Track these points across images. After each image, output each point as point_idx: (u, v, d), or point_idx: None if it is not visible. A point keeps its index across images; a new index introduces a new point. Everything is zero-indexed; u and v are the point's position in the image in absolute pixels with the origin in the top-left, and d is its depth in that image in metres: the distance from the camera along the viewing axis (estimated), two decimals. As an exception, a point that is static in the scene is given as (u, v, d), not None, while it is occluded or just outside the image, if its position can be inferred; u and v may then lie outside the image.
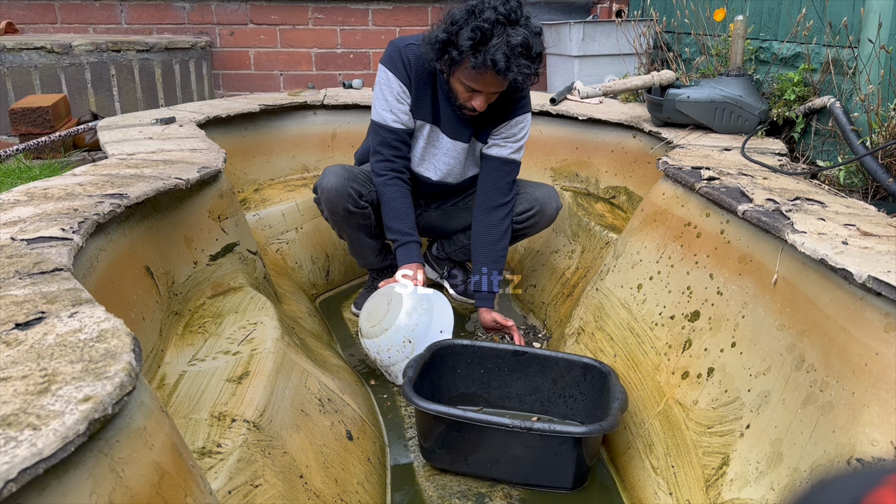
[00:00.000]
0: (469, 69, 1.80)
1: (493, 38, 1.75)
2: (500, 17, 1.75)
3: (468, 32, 1.75)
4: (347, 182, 2.02)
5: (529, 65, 1.78)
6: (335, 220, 2.11)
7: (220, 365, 1.41)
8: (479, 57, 1.76)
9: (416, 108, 2.02)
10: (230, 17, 4.17)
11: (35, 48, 3.38)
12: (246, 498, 1.10)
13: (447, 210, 2.28)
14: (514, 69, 1.75)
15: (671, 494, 1.37)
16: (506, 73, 1.75)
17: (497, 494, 1.51)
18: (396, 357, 1.88)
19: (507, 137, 2.07)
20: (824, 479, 0.37)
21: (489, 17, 1.75)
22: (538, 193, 2.17)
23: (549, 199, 2.17)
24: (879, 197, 1.93)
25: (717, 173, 1.74)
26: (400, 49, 1.97)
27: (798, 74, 2.38)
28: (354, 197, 2.03)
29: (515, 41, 1.74)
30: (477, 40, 1.75)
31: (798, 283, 1.28)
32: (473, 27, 1.75)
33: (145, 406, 0.77)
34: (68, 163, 2.72)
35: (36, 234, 1.16)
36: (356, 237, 2.17)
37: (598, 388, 1.65)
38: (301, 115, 2.96)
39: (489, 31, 1.74)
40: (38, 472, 0.59)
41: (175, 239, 1.66)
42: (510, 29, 1.76)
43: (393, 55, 1.98)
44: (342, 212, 2.05)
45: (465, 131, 2.07)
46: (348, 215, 2.06)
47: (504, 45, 1.74)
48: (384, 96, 1.99)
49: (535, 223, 2.18)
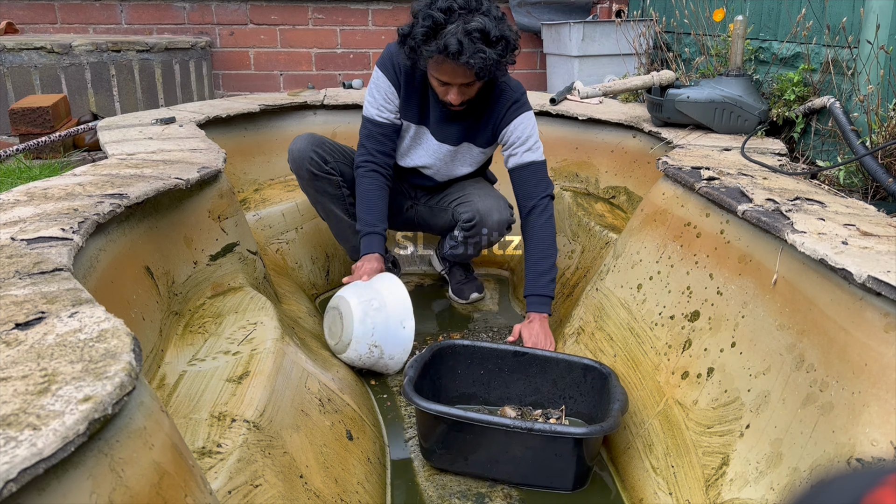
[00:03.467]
0: (432, 61, 1.82)
1: (448, 25, 1.76)
2: (455, 4, 1.77)
3: (421, 21, 1.78)
4: (311, 146, 2.11)
5: (486, 49, 1.75)
6: (302, 184, 2.19)
7: (220, 365, 1.41)
8: (431, 44, 1.77)
9: (405, 110, 2.06)
10: (230, 17, 4.17)
11: (35, 48, 3.38)
12: (246, 498, 1.10)
13: (433, 207, 2.29)
14: (467, 53, 1.73)
15: (671, 494, 1.37)
16: (457, 56, 1.74)
17: (497, 495, 1.51)
18: (372, 361, 1.89)
19: (514, 144, 2.04)
20: (824, 479, 0.37)
21: (442, 6, 1.77)
22: (481, 204, 2.13)
23: (490, 210, 2.12)
24: (879, 197, 1.93)
25: (716, 173, 1.74)
26: (392, 53, 2.01)
27: (798, 74, 2.38)
28: (317, 161, 2.10)
29: (471, 27, 1.74)
30: (429, 28, 1.77)
31: (798, 283, 1.28)
32: (425, 15, 1.77)
33: (145, 406, 0.77)
34: (68, 163, 2.72)
35: (36, 234, 1.16)
36: (332, 211, 2.20)
37: (599, 389, 1.65)
38: (301, 115, 2.96)
39: (442, 19, 1.76)
40: (38, 472, 0.59)
41: (175, 239, 1.66)
42: (468, 16, 1.76)
43: (385, 58, 2.03)
44: (307, 174, 2.12)
45: (454, 134, 2.09)
46: (313, 178, 2.12)
47: (459, 31, 1.74)
48: (373, 94, 2.05)
49: (478, 231, 2.15)
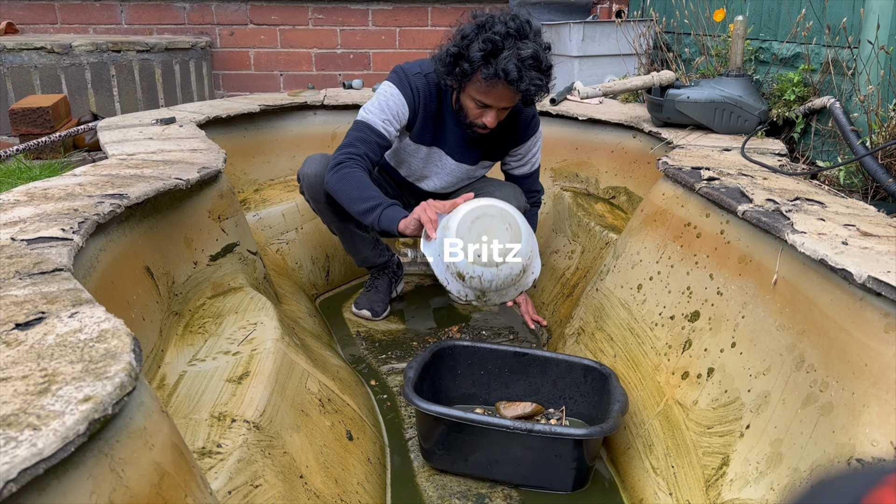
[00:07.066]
0: (480, 81, 1.82)
1: (504, 49, 1.77)
2: (511, 30, 1.78)
3: (479, 44, 1.77)
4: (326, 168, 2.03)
5: (540, 76, 1.80)
6: (318, 207, 2.13)
7: (220, 365, 1.41)
8: (490, 68, 1.78)
9: (420, 133, 2.05)
10: (230, 18, 4.17)
11: (35, 48, 3.38)
12: (246, 498, 1.10)
13: None
14: (526, 79, 1.77)
15: (671, 495, 1.37)
16: (518, 83, 1.77)
17: (497, 495, 1.51)
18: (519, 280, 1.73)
19: (523, 156, 2.17)
20: (824, 480, 0.37)
21: (500, 31, 1.77)
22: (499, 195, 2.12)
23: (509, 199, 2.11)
24: (879, 197, 1.93)
25: (716, 173, 1.74)
26: (409, 76, 1.99)
27: (798, 75, 2.38)
28: None
29: (526, 53, 1.76)
30: (488, 52, 1.77)
31: (798, 283, 1.28)
32: (484, 39, 1.77)
33: (145, 406, 0.77)
34: (68, 163, 2.72)
35: (36, 234, 1.16)
36: (345, 228, 2.17)
37: (599, 389, 1.65)
38: (301, 115, 2.96)
39: (500, 42, 1.77)
40: (38, 472, 0.59)
41: (175, 239, 1.66)
42: (520, 42, 1.78)
43: (402, 78, 1.99)
44: (323, 198, 2.06)
45: (471, 154, 2.12)
46: (329, 202, 2.07)
47: (515, 56, 1.76)
48: (382, 108, 1.97)
49: None
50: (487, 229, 1.67)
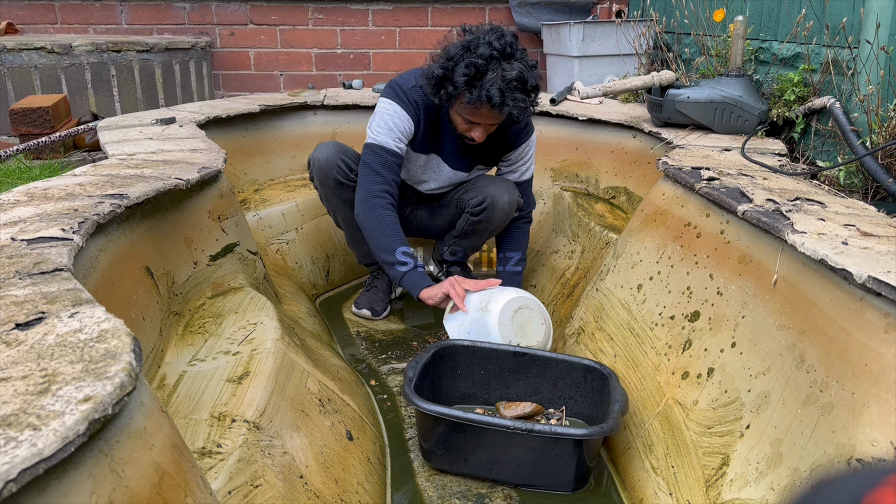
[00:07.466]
0: (465, 104, 1.85)
1: (487, 73, 1.79)
2: (495, 52, 1.79)
3: (463, 69, 1.79)
4: (338, 154, 2.10)
5: (525, 98, 1.82)
6: (326, 193, 2.16)
7: (220, 365, 1.41)
8: (474, 92, 1.80)
9: (421, 142, 2.08)
10: (230, 18, 4.17)
11: (35, 48, 3.38)
12: (246, 498, 1.10)
13: (433, 207, 2.31)
14: (510, 103, 1.79)
15: (671, 495, 1.37)
16: (501, 107, 1.79)
17: (497, 495, 1.51)
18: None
19: (515, 163, 2.19)
20: (824, 480, 0.37)
21: (483, 53, 1.79)
22: (492, 188, 2.19)
23: (501, 192, 2.17)
24: (879, 197, 1.93)
25: (717, 174, 1.74)
26: (406, 91, 2.00)
27: (798, 75, 2.38)
28: (344, 169, 2.09)
29: (510, 75, 1.78)
30: (471, 76, 1.79)
31: (798, 283, 1.28)
32: (468, 63, 1.79)
33: (145, 406, 0.77)
34: (68, 163, 2.72)
35: (36, 234, 1.16)
36: (351, 220, 2.18)
37: (599, 390, 1.65)
38: (301, 115, 2.96)
39: (483, 66, 1.78)
40: (38, 472, 0.59)
41: (175, 239, 1.66)
42: (505, 63, 1.80)
43: (399, 93, 2.01)
44: (333, 182, 2.10)
45: (467, 161, 2.17)
46: (339, 187, 2.11)
47: (499, 79, 1.78)
48: (390, 126, 1.99)
49: (489, 216, 2.18)
50: (527, 321, 1.83)
